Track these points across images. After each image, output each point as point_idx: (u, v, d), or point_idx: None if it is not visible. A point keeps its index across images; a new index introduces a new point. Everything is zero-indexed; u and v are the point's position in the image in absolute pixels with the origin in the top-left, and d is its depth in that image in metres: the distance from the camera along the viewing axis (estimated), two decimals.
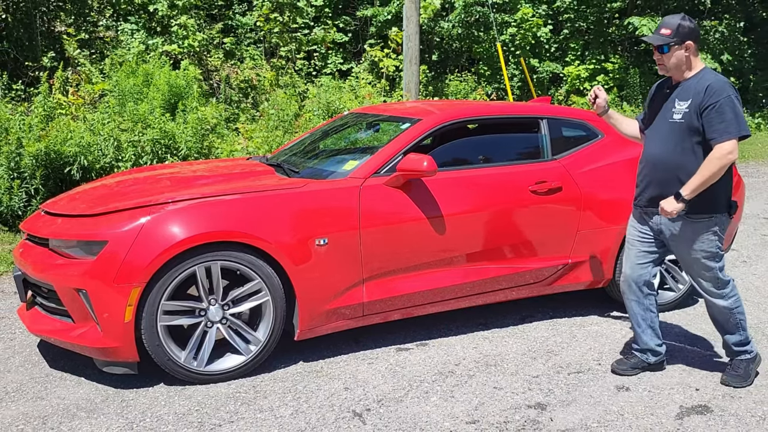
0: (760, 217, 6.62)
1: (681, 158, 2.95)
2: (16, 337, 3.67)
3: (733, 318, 3.10)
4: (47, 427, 2.74)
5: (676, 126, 2.98)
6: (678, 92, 3.01)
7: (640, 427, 2.77)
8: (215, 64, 9.50)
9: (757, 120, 13.85)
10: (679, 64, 2.99)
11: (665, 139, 3.01)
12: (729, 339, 3.16)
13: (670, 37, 2.95)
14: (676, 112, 2.98)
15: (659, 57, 3.02)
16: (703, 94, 2.89)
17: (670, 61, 2.99)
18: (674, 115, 2.98)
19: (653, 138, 3.08)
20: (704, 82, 2.93)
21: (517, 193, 3.65)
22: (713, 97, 2.86)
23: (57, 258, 3.07)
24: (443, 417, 2.84)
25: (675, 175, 2.96)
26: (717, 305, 3.10)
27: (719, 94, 2.86)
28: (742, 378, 3.12)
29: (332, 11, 11.55)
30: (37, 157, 5.73)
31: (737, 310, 3.10)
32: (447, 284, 3.52)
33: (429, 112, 3.84)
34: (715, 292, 3.08)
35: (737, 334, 3.13)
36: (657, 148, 3.04)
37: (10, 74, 7.58)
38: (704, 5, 13.73)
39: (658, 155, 3.03)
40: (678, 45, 2.96)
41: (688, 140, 2.94)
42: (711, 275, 3.05)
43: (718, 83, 2.90)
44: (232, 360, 3.16)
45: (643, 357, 3.26)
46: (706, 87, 2.90)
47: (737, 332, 3.13)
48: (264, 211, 3.13)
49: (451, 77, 11.53)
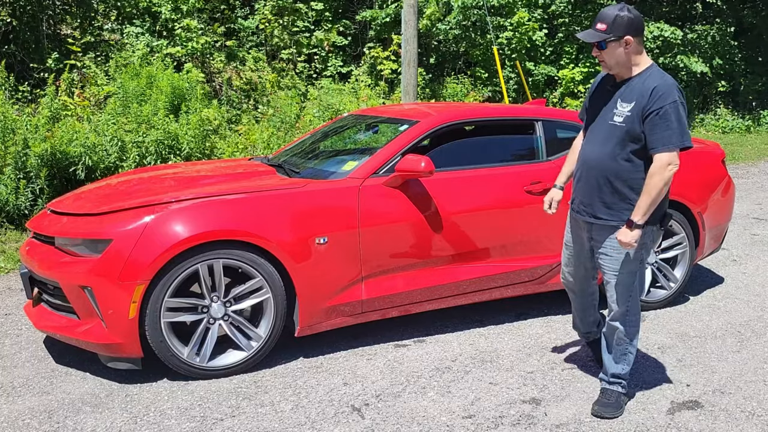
0: (750, 217, 6.68)
1: (617, 165, 2.71)
2: (22, 333, 3.73)
3: (622, 347, 2.90)
4: (53, 421, 2.78)
5: (616, 129, 2.70)
6: (621, 92, 2.73)
7: (632, 422, 2.82)
8: (218, 67, 9.57)
9: (747, 122, 13.94)
10: (620, 61, 2.68)
11: (603, 141, 2.75)
12: (608, 366, 2.94)
13: (606, 33, 2.63)
14: (617, 114, 2.70)
15: (598, 54, 2.71)
16: (648, 98, 2.61)
17: (610, 58, 2.68)
18: (615, 117, 2.71)
19: (591, 139, 2.83)
20: (650, 83, 2.64)
21: (512, 193, 3.72)
22: (658, 101, 2.58)
23: (63, 256, 3.13)
24: (440, 411, 2.89)
25: (608, 182, 2.74)
26: (614, 326, 2.89)
27: (665, 98, 2.58)
28: (614, 407, 2.87)
29: (332, 15, 11.61)
30: (42, 158, 5.80)
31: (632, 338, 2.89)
32: (444, 282, 3.58)
33: (427, 114, 3.91)
34: (618, 310, 2.84)
35: (621, 365, 2.92)
36: (594, 151, 2.79)
37: (16, 76, 7.65)
38: (696, 10, 13.81)
39: (594, 159, 2.78)
40: (616, 40, 2.64)
41: (627, 146, 2.68)
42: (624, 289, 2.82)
43: (665, 86, 2.61)
44: (233, 356, 3.21)
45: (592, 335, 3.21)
46: (651, 89, 2.61)
47: (621, 363, 2.92)
48: (265, 211, 3.19)
49: (448, 80, 11.59)
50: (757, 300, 4.32)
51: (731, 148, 11.29)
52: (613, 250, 2.80)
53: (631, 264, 2.79)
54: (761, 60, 14.67)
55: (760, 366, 3.36)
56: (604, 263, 2.85)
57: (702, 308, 4.14)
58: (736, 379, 3.21)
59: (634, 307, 2.87)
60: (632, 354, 2.93)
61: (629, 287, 2.83)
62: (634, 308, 2.87)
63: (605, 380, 2.97)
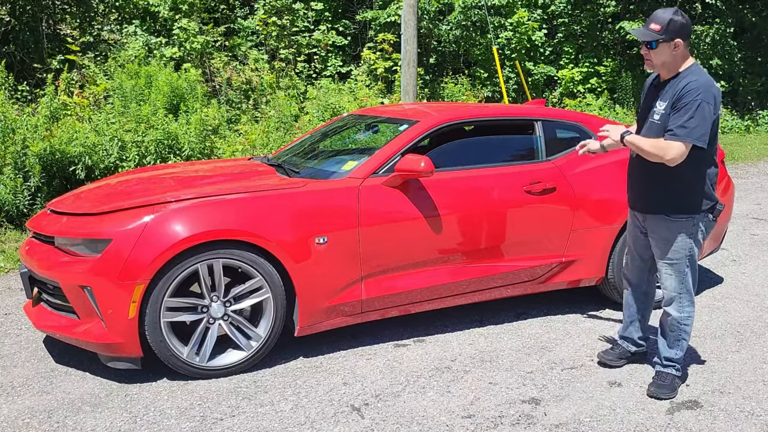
0: (749, 217, 6.69)
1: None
2: (22, 333, 3.73)
3: (675, 333, 3.07)
4: (52, 420, 2.78)
5: (654, 127, 2.90)
6: (662, 92, 2.91)
7: (631, 422, 2.82)
8: (217, 67, 9.57)
9: (747, 122, 13.96)
10: (666, 61, 2.86)
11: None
12: (662, 350, 3.13)
13: (659, 33, 2.80)
14: (656, 112, 2.89)
15: (646, 52, 2.88)
16: (679, 93, 2.79)
17: (657, 58, 2.86)
18: (654, 115, 2.91)
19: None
20: (685, 80, 2.81)
21: (512, 193, 3.72)
22: (686, 96, 2.76)
23: (62, 255, 3.12)
24: (440, 411, 2.89)
25: (653, 175, 2.93)
26: (667, 312, 3.08)
27: (692, 94, 2.74)
28: (669, 389, 3.04)
29: (332, 15, 11.62)
30: (42, 157, 5.80)
31: (686, 325, 3.06)
32: (444, 282, 3.58)
33: (426, 113, 3.91)
34: (671, 296, 3.03)
35: (674, 350, 3.09)
36: None
37: (16, 76, 7.65)
38: (695, 10, 13.83)
39: (637, 155, 2.99)
40: (667, 42, 2.82)
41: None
42: (676, 274, 3.00)
43: (696, 83, 2.77)
44: (233, 356, 3.21)
45: (624, 345, 3.36)
46: (684, 86, 2.79)
47: (674, 348, 3.09)
48: (265, 210, 3.19)
49: (448, 80, 11.61)
50: (756, 300, 4.32)
51: (730, 149, 11.30)
52: (663, 240, 2.99)
53: (682, 251, 2.98)
54: (760, 60, 14.70)
55: (760, 366, 3.36)
56: (657, 252, 3.05)
57: (701, 308, 4.15)
58: (735, 379, 3.21)
59: (687, 294, 3.03)
60: (686, 340, 3.10)
61: (681, 273, 3.00)
62: (686, 295, 3.03)
63: (659, 364, 3.14)
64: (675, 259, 2.99)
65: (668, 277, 3.02)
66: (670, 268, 3.01)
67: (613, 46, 13.97)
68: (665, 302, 3.07)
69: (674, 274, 3.01)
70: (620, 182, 3.86)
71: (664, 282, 3.05)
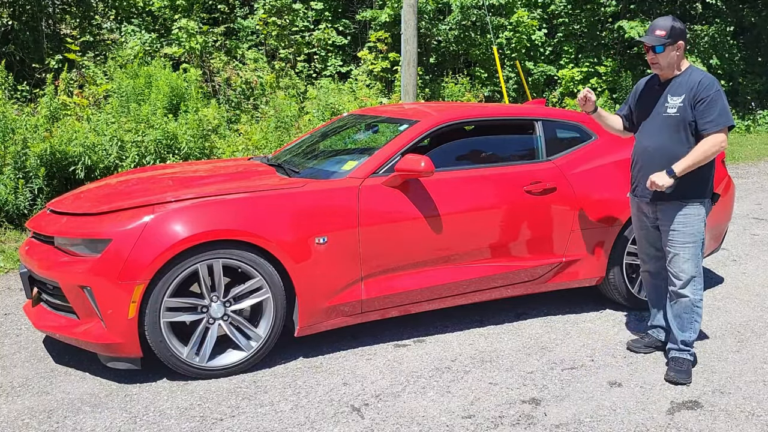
0: (750, 217, 6.69)
1: (676, 148, 3.16)
2: (22, 333, 3.72)
3: (689, 315, 3.24)
4: (52, 421, 2.78)
5: (670, 119, 3.20)
6: (670, 88, 3.24)
7: (631, 422, 2.82)
8: (217, 66, 9.57)
9: (747, 122, 13.95)
10: (671, 63, 3.22)
11: (659, 131, 3.23)
12: (677, 334, 3.27)
13: (665, 38, 3.17)
14: (670, 106, 3.20)
15: (653, 56, 3.23)
16: (696, 88, 3.13)
17: (664, 60, 3.21)
18: (668, 110, 3.20)
19: (647, 131, 3.30)
20: (695, 77, 3.18)
21: (512, 193, 3.71)
22: (705, 91, 3.11)
23: (62, 255, 3.12)
24: (440, 411, 2.89)
25: (669, 163, 3.15)
26: (683, 295, 3.23)
27: (710, 89, 3.11)
28: (686, 374, 3.20)
29: (332, 14, 11.61)
30: (42, 157, 5.80)
31: (698, 307, 3.24)
32: (444, 282, 3.58)
33: (426, 113, 3.90)
34: (687, 279, 3.21)
35: (688, 333, 3.25)
36: (652, 140, 3.26)
37: (15, 76, 7.65)
38: (695, 10, 13.83)
39: (654, 146, 3.24)
40: (672, 45, 3.18)
41: (681, 132, 3.16)
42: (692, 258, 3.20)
43: (708, 79, 3.16)
44: (233, 356, 3.21)
45: (655, 334, 3.53)
46: (698, 82, 3.15)
47: (688, 331, 3.25)
48: (265, 210, 3.18)
49: (447, 79, 11.61)
50: (756, 300, 4.32)
51: (731, 149, 11.30)
52: (680, 225, 3.20)
53: (697, 234, 3.21)
54: (760, 60, 14.70)
55: (760, 366, 3.36)
56: (673, 238, 3.23)
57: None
58: (735, 379, 3.21)
59: (699, 277, 3.24)
60: (698, 322, 3.26)
61: (696, 257, 3.22)
62: (699, 278, 3.23)
63: (674, 349, 3.28)
64: (691, 243, 3.19)
65: (686, 261, 3.20)
66: (687, 252, 3.20)
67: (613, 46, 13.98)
68: (680, 285, 3.23)
69: (691, 258, 3.20)
70: (620, 182, 3.87)
71: (681, 266, 3.21)
